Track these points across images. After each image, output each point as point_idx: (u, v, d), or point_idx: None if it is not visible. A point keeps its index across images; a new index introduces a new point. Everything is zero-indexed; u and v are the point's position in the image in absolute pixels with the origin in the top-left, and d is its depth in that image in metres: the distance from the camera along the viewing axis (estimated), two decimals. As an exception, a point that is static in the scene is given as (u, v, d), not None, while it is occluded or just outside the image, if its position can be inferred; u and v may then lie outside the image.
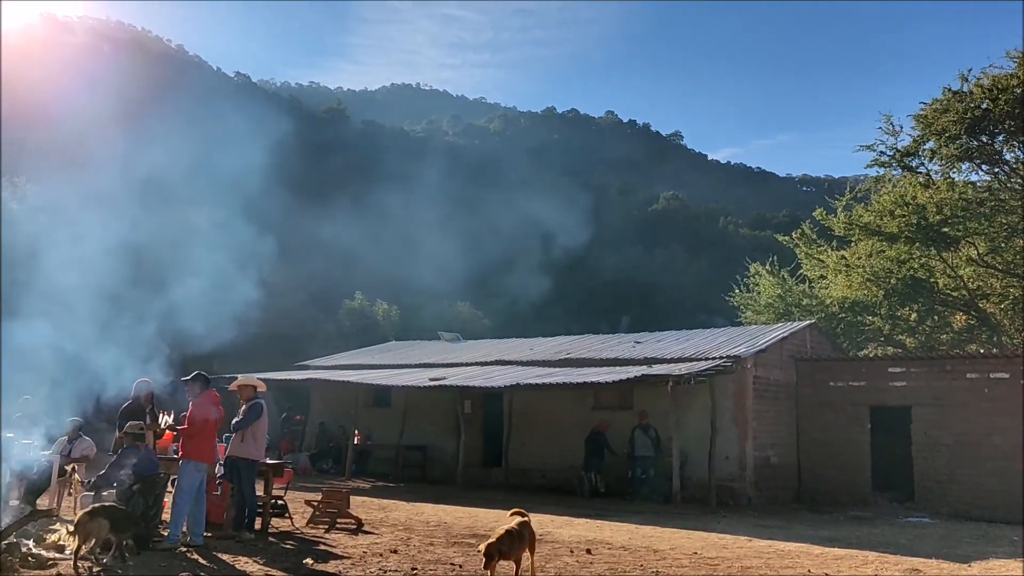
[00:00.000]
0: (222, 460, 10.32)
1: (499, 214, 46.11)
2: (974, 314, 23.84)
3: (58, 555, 8.19)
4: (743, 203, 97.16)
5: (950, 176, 23.67)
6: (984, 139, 22.57)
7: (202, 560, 8.66)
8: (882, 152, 24.41)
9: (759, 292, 28.88)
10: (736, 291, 30.53)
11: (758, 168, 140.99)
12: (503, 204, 47.51)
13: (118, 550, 8.01)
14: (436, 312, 41.47)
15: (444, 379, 19.26)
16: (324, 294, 39.88)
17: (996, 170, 23.26)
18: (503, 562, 7.69)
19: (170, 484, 10.06)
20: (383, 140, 78.52)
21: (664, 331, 22.66)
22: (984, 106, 21.76)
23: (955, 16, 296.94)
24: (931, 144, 23.35)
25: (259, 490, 10.50)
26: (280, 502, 11.73)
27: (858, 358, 20.12)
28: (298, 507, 12.16)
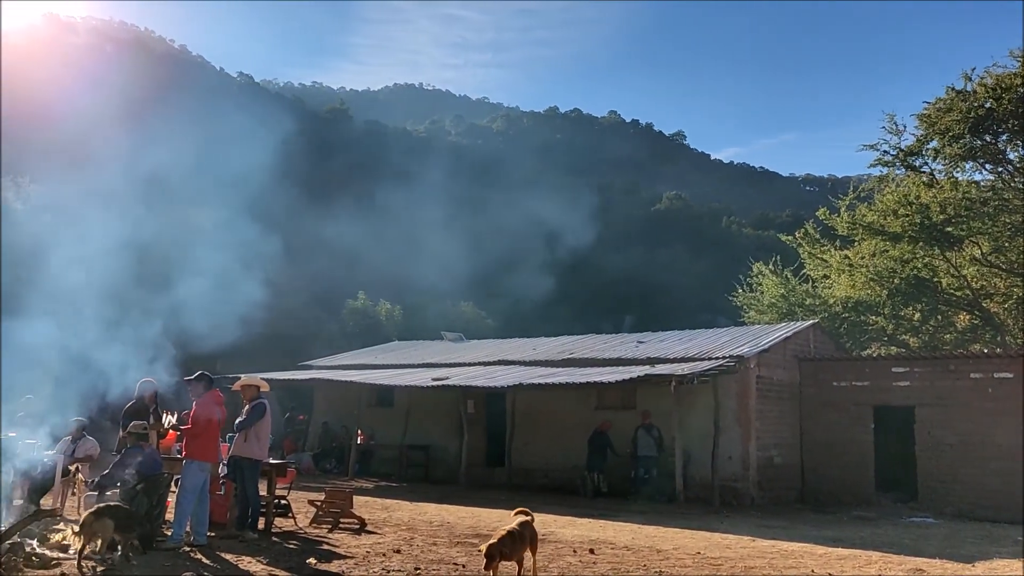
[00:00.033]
0: (225, 460, 10.34)
1: (502, 214, 46.09)
2: (978, 314, 23.80)
3: (62, 555, 8.20)
4: (746, 203, 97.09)
5: (953, 175, 23.68)
6: (988, 138, 22.58)
7: (205, 560, 8.67)
8: (885, 151, 24.48)
9: (762, 292, 28.86)
10: (739, 291, 30.51)
11: (761, 168, 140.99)
12: (506, 204, 47.49)
13: (124, 550, 8.03)
14: (439, 312, 41.40)
15: (447, 379, 19.26)
16: (327, 294, 39.84)
17: (1000, 169, 23.26)
18: (505, 562, 7.70)
19: (174, 484, 10.07)
20: (386, 140, 78.59)
21: (667, 331, 22.65)
22: (988, 105, 21.76)
23: (958, 16, 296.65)
24: (935, 143, 23.37)
25: (262, 490, 10.52)
26: (283, 502, 11.74)
27: (861, 358, 20.08)
28: (301, 507, 12.17)
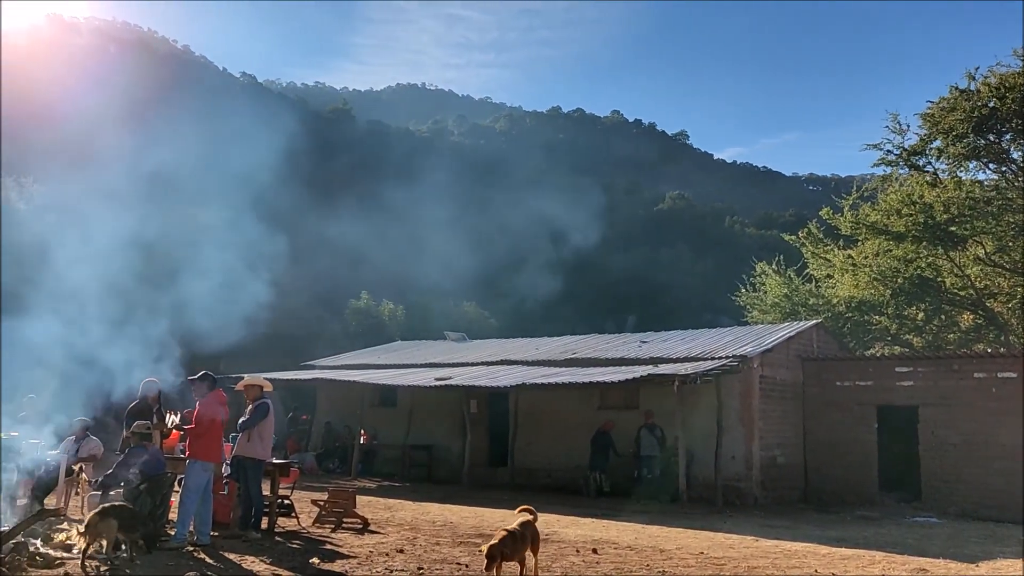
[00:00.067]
0: (229, 460, 10.35)
1: (506, 213, 46.00)
2: (981, 313, 23.75)
3: (66, 554, 8.21)
4: (749, 202, 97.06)
5: (957, 175, 23.66)
6: (991, 138, 22.55)
7: (209, 559, 8.68)
8: (889, 151, 24.46)
9: (765, 291, 28.82)
10: (742, 290, 30.47)
11: (764, 167, 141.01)
12: (509, 204, 47.38)
13: (128, 550, 8.04)
14: (442, 312, 41.39)
15: (450, 379, 19.26)
16: (330, 294, 39.85)
17: (1003, 169, 23.23)
18: (507, 562, 7.69)
19: (177, 483, 10.08)
20: (389, 140, 78.60)
21: (670, 330, 22.63)
22: (991, 104, 21.74)
23: (961, 15, 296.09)
24: (938, 143, 23.35)
25: (265, 489, 10.54)
26: (286, 502, 11.75)
27: (865, 357, 20.05)
28: (304, 507, 12.19)
